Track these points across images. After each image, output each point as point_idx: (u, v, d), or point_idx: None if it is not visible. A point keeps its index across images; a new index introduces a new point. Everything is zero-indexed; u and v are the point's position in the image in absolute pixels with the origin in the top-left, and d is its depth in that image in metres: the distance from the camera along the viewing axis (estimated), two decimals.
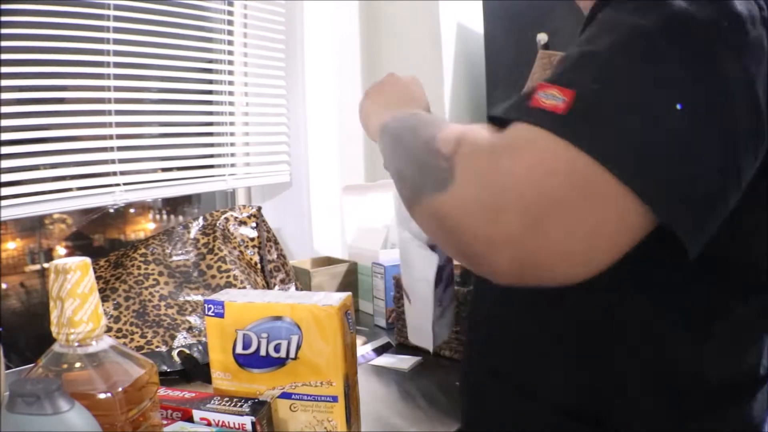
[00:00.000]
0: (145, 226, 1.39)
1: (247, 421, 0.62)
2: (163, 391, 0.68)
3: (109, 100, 1.11)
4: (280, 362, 0.68)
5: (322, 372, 0.67)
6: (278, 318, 0.68)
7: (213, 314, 0.70)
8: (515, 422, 0.62)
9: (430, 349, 0.79)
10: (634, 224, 0.42)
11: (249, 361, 0.69)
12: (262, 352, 0.69)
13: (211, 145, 1.35)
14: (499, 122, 0.47)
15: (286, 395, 0.69)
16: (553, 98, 0.42)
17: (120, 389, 0.49)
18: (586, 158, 0.40)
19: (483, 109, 1.61)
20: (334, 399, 0.67)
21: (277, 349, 0.68)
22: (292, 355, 0.68)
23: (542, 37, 1.36)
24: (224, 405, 0.64)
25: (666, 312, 0.53)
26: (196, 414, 0.64)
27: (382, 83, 0.80)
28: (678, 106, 0.41)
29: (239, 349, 0.70)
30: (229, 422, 0.63)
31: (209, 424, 0.63)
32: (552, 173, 0.40)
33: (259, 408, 0.64)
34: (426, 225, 0.51)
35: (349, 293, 0.70)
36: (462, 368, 0.74)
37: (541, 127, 0.42)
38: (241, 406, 0.64)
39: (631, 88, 0.42)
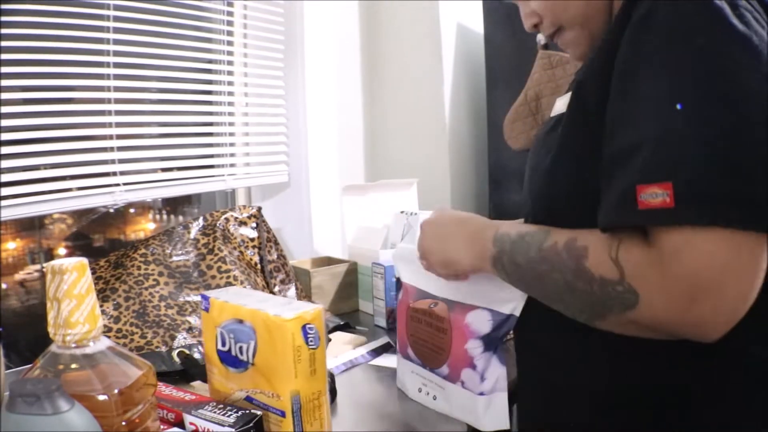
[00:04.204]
0: (145, 226, 1.39)
1: None
2: (167, 390, 0.69)
3: (108, 101, 1.11)
4: (244, 365, 0.67)
5: (273, 383, 0.65)
6: (241, 321, 0.67)
7: (203, 308, 0.72)
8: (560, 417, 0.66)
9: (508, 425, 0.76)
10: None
11: (226, 358, 0.69)
12: (233, 352, 0.68)
13: (211, 145, 1.35)
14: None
15: (249, 399, 0.67)
16: (655, 196, 0.48)
17: (116, 390, 0.49)
18: (724, 233, 0.47)
19: (483, 110, 1.61)
20: (282, 413, 0.64)
21: (241, 351, 0.67)
22: (250, 360, 0.66)
23: (542, 37, 1.36)
24: (213, 412, 0.63)
25: None
26: (187, 418, 0.64)
27: (434, 221, 0.77)
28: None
29: (219, 345, 0.70)
30: (211, 430, 0.62)
31: (196, 430, 0.63)
32: (712, 259, 0.47)
33: (241, 421, 0.62)
34: (620, 330, 0.57)
35: (321, 306, 0.67)
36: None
37: (678, 224, 0.48)
38: (228, 415, 0.63)
39: (714, 140, 0.47)
